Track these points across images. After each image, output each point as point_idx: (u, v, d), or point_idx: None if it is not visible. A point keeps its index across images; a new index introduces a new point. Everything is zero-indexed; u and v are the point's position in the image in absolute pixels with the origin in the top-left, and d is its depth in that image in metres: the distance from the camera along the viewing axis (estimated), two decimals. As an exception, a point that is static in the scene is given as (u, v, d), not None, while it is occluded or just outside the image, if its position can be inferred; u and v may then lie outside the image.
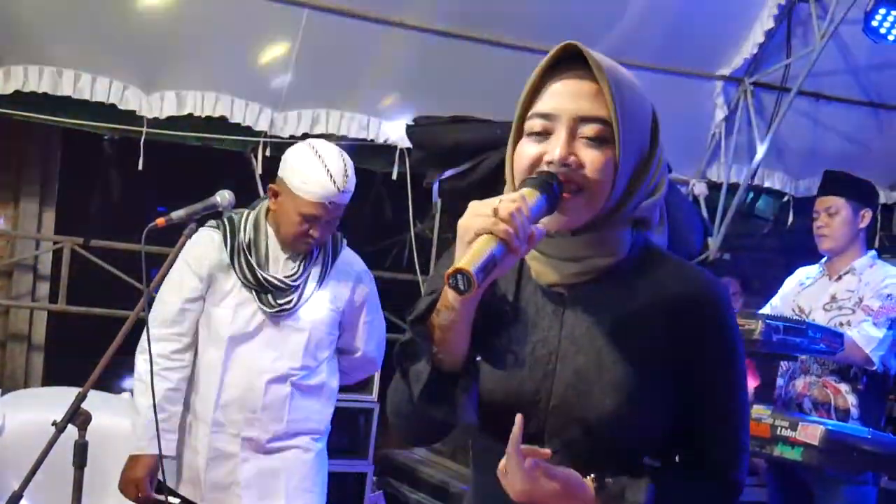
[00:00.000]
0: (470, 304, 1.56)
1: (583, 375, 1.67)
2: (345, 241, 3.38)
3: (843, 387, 4.11)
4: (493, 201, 1.49)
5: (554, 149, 1.62)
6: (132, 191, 5.45)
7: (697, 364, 1.68)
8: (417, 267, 5.64)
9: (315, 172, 3.10)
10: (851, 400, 4.08)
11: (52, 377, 5.59)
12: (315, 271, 3.23)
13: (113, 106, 5.01)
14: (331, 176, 3.09)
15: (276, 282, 3.16)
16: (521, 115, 1.69)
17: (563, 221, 1.63)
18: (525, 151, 1.66)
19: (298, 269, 3.20)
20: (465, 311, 1.56)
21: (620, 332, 1.68)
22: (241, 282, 3.18)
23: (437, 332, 1.58)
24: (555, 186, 1.58)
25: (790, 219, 6.49)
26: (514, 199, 1.49)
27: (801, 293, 4.36)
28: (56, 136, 5.75)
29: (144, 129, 5.07)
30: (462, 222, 1.51)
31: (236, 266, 3.19)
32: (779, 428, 3.74)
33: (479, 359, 1.64)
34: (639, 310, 1.69)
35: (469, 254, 1.46)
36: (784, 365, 4.40)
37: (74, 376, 3.14)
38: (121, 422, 4.04)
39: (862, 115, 6.39)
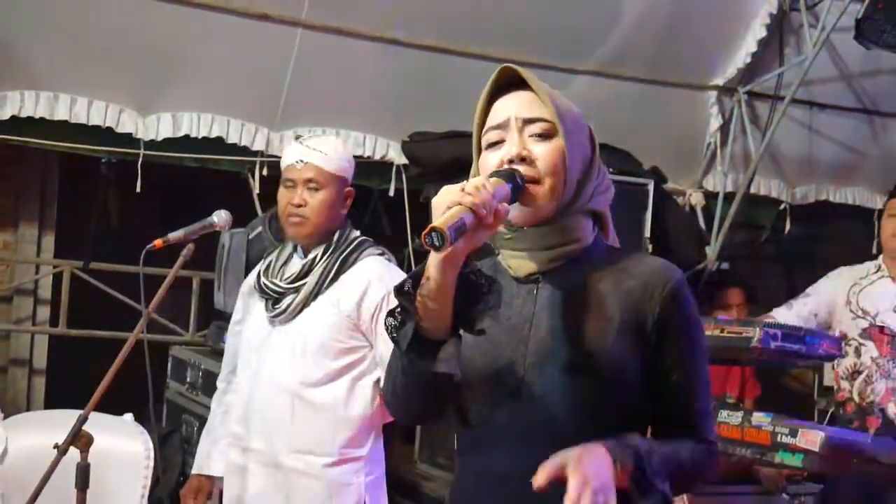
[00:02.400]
0: (450, 274, 1.72)
1: (556, 334, 1.86)
2: (374, 252, 3.13)
3: None
4: (461, 183, 1.70)
5: (510, 148, 1.87)
6: (131, 213, 5.48)
7: (660, 335, 1.86)
8: (416, 283, 5.64)
9: (291, 145, 3.15)
10: None
11: (54, 401, 5.59)
12: (318, 272, 3.06)
13: (109, 129, 5.05)
14: (302, 142, 3.11)
15: (273, 286, 3.10)
16: (477, 135, 1.95)
17: (530, 213, 1.87)
18: (487, 161, 1.91)
19: (301, 271, 3.08)
20: (445, 281, 1.72)
21: (588, 302, 1.88)
22: (257, 293, 3.19)
23: (421, 303, 1.74)
24: (516, 177, 1.82)
25: (787, 227, 6.51)
26: (482, 182, 1.71)
27: (860, 294, 4.33)
28: (54, 161, 5.79)
29: (141, 152, 5.11)
30: (434, 200, 1.71)
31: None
32: (779, 435, 3.72)
33: (461, 332, 1.79)
34: (604, 286, 1.89)
35: (442, 217, 1.65)
36: (845, 368, 4.34)
37: (77, 399, 3.14)
38: (123, 443, 4.05)
39: (856, 122, 6.43)
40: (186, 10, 4.86)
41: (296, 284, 3.06)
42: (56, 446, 2.74)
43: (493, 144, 1.90)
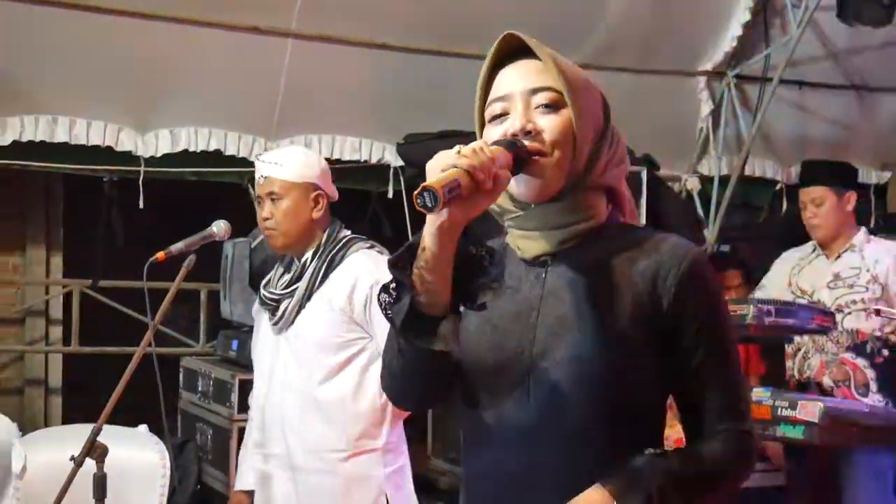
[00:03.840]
0: (447, 244, 1.60)
1: (564, 321, 1.74)
2: (362, 246, 3.16)
3: (861, 362, 4.21)
4: (457, 147, 1.59)
5: (514, 121, 1.74)
6: (135, 229, 5.56)
7: (677, 318, 1.73)
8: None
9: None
10: (870, 374, 4.19)
11: (71, 418, 5.68)
12: (308, 274, 3.12)
13: (109, 148, 5.13)
14: (259, 158, 3.19)
15: (270, 295, 3.18)
16: (480, 108, 1.82)
17: (538, 186, 1.74)
18: (490, 135, 1.76)
19: (293, 276, 3.15)
20: (442, 251, 1.60)
21: (600, 286, 1.75)
22: (262, 306, 3.27)
23: (418, 276, 1.62)
24: (517, 145, 1.69)
25: (784, 206, 6.56)
26: (480, 146, 1.60)
27: (799, 275, 4.46)
28: (57, 182, 5.89)
29: (142, 169, 5.19)
30: (429, 164, 1.60)
31: None
32: (779, 409, 3.80)
33: (462, 309, 1.68)
34: (617, 268, 1.76)
35: (435, 177, 1.54)
36: (790, 347, 4.48)
37: (93, 415, 3.18)
38: (139, 454, 4.14)
39: (846, 99, 6.48)
40: (177, 26, 4.93)
41: (289, 290, 3.12)
42: (72, 458, 2.81)
43: (497, 117, 1.77)
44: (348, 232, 3.22)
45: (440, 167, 1.57)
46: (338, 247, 3.14)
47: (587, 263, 1.77)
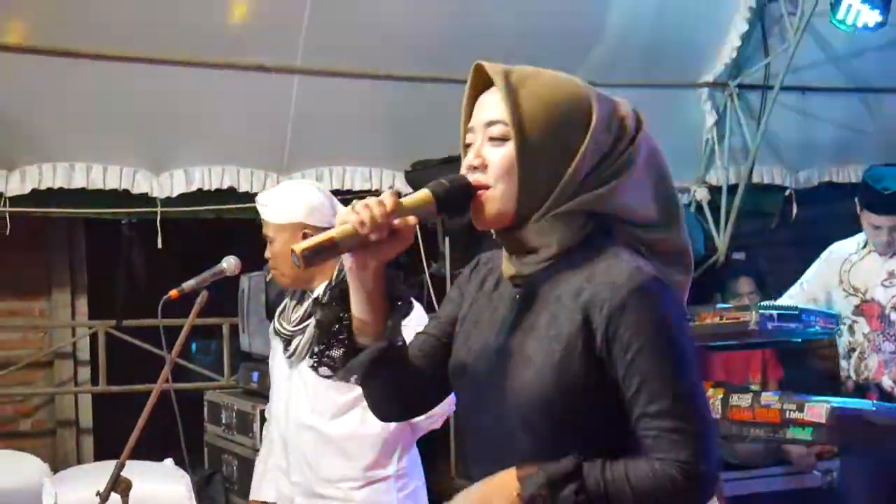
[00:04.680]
0: (361, 286, 1.81)
1: (515, 354, 1.79)
2: None
3: None
4: (366, 199, 1.74)
5: (468, 155, 1.82)
6: (155, 268, 5.69)
7: (611, 350, 1.72)
8: (436, 305, 5.79)
9: None
10: None
11: (103, 457, 5.75)
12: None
13: (126, 191, 5.27)
14: (257, 201, 3.28)
15: (283, 329, 3.26)
16: (462, 135, 1.88)
17: (484, 218, 1.80)
18: (463, 169, 1.84)
19: (305, 313, 3.20)
20: (355, 292, 1.83)
21: (551, 314, 1.77)
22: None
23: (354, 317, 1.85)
24: (448, 185, 1.79)
25: (794, 211, 6.62)
26: (380, 198, 1.73)
27: (850, 272, 4.38)
28: (79, 227, 6.02)
29: (159, 210, 5.33)
30: (338, 217, 1.78)
31: None
32: (787, 411, 3.81)
33: (399, 343, 1.89)
34: (564, 298, 1.76)
35: (311, 239, 1.75)
36: (842, 347, 4.43)
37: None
38: (165, 486, 4.27)
39: (850, 102, 6.54)
40: (185, 69, 5.07)
41: (301, 326, 3.20)
42: (98, 494, 2.90)
43: (467, 146, 1.84)
44: None
45: (339, 222, 1.74)
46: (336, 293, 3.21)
47: (547, 290, 1.80)
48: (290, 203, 3.20)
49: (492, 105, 1.81)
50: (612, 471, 1.69)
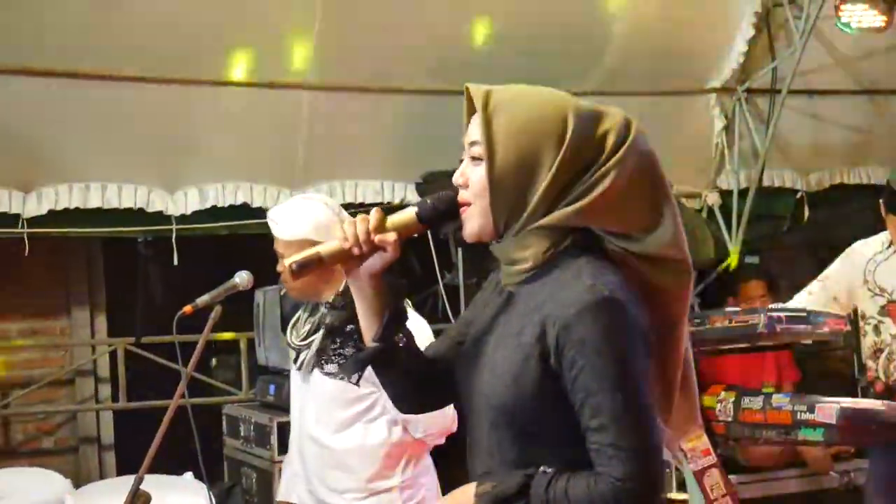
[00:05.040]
0: (360, 294, 2.04)
1: (486, 358, 1.95)
2: None
3: None
4: (359, 216, 1.95)
5: (455, 174, 1.98)
6: (172, 285, 5.74)
7: (560, 366, 1.81)
8: (451, 315, 5.84)
9: None
10: None
11: (126, 473, 5.82)
12: (322, 332, 3.23)
13: (141, 210, 5.34)
14: (267, 217, 3.38)
15: (292, 344, 3.34)
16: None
17: (469, 232, 1.97)
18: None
19: (312, 328, 3.27)
20: (359, 300, 2.05)
21: (517, 326, 1.90)
22: None
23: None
24: (434, 204, 1.98)
25: (806, 214, 6.64)
26: (364, 216, 1.96)
27: (875, 272, 4.29)
28: (96, 246, 6.09)
29: (174, 227, 5.40)
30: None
31: None
32: (798, 413, 3.86)
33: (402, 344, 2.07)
34: (531, 311, 1.87)
35: (301, 253, 1.99)
36: (868, 348, 4.33)
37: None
38: (185, 499, 4.32)
39: (858, 104, 6.57)
40: (197, 88, 5.16)
41: (307, 341, 3.27)
42: (118, 507, 2.96)
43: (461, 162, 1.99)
44: None
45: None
46: (349, 299, 3.26)
47: (524, 300, 1.92)
48: (297, 220, 3.27)
49: (474, 126, 1.93)
50: (555, 488, 1.80)
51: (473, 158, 1.92)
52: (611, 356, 1.78)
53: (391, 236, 1.95)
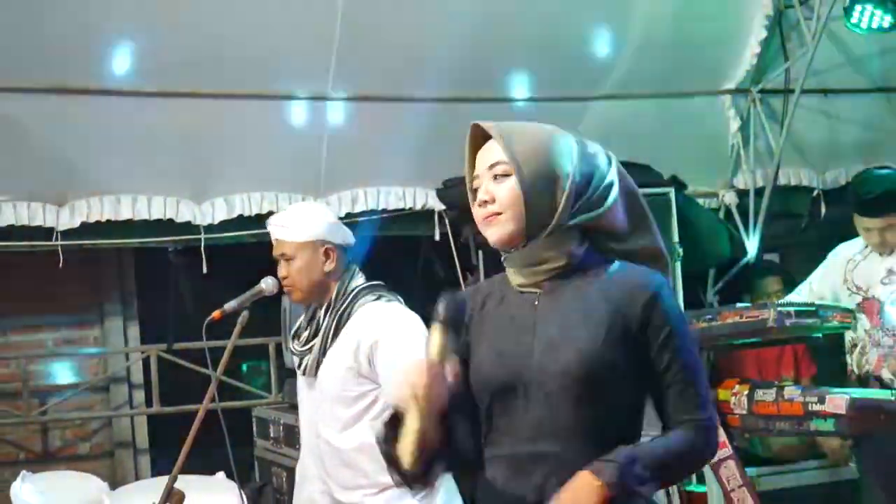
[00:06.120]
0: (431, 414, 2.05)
1: (553, 341, 2.16)
2: (369, 299, 3.38)
3: None
4: (412, 377, 2.03)
5: (479, 195, 2.22)
6: (202, 292, 5.87)
7: (646, 336, 2.15)
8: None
9: None
10: None
11: (160, 476, 5.98)
12: (322, 333, 3.36)
13: (171, 220, 5.48)
14: (269, 222, 3.47)
15: (294, 351, 3.48)
16: (469, 182, 2.28)
17: (498, 240, 2.21)
18: (473, 208, 2.26)
19: (310, 334, 3.41)
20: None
21: (580, 311, 2.17)
22: None
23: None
24: (450, 313, 2.08)
25: (823, 211, 6.72)
26: (416, 382, 2.02)
27: (854, 272, 4.55)
28: (128, 256, 6.25)
29: (202, 237, 5.54)
30: (395, 392, 2.12)
31: None
32: (810, 404, 3.94)
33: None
34: (594, 297, 2.18)
35: (403, 454, 2.07)
36: (848, 342, 4.59)
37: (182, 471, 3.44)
38: (218, 498, 4.45)
39: (873, 102, 6.64)
40: (222, 101, 5.31)
41: (308, 346, 3.40)
42: (153, 504, 3.10)
43: (475, 191, 2.24)
44: (360, 280, 3.43)
45: (402, 397, 2.05)
46: (346, 302, 3.36)
47: (569, 294, 2.20)
48: (310, 222, 3.39)
49: (492, 151, 2.21)
50: (653, 444, 2.13)
51: (497, 176, 2.19)
52: (686, 323, 2.23)
53: (449, 368, 2.06)
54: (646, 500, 2.09)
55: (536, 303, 2.22)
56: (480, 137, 2.24)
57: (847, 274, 4.57)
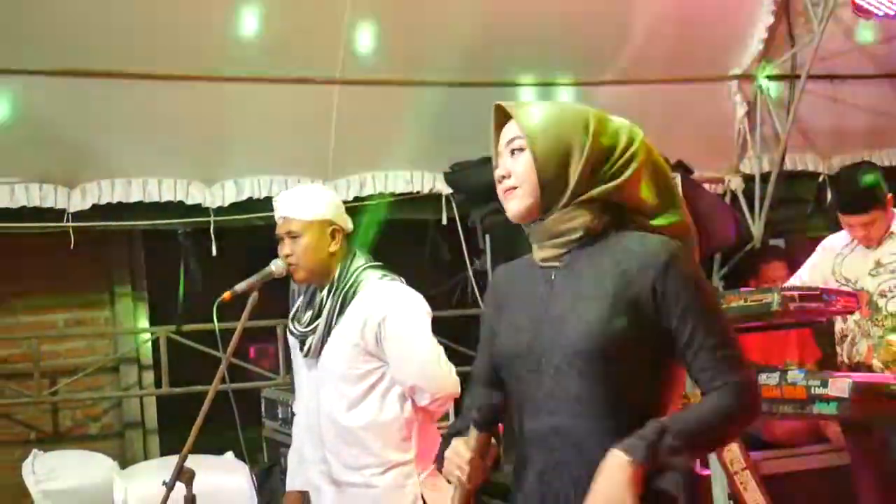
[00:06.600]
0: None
1: (564, 315, 2.19)
2: (371, 281, 3.41)
3: None
4: (456, 463, 2.16)
5: (497, 172, 2.28)
6: (211, 274, 5.90)
7: (660, 303, 2.14)
8: (479, 297, 5.99)
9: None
10: None
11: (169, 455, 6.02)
12: (325, 312, 3.38)
13: (181, 202, 5.55)
14: (276, 200, 3.48)
15: (296, 331, 3.49)
16: (495, 166, 2.32)
17: (517, 213, 2.25)
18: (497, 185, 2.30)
19: (314, 314, 3.42)
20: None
21: (593, 282, 2.19)
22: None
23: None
24: (478, 419, 2.18)
25: (828, 196, 6.72)
26: (459, 471, 2.15)
27: (842, 264, 4.62)
28: (138, 238, 6.28)
29: (212, 219, 5.61)
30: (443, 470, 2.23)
31: None
32: (813, 387, 3.96)
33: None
34: (606, 268, 2.19)
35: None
36: (836, 334, 4.66)
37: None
38: (227, 477, 4.52)
39: (879, 88, 6.68)
40: (233, 85, 5.37)
41: (311, 326, 3.42)
42: (164, 483, 3.14)
43: (497, 167, 2.29)
44: (362, 261, 3.46)
45: (447, 480, 2.21)
46: (350, 282, 3.40)
47: (584, 266, 2.22)
48: (317, 201, 3.44)
49: (510, 128, 2.27)
50: (685, 413, 2.16)
51: (514, 151, 2.23)
52: (707, 289, 2.21)
53: (479, 463, 2.15)
54: (682, 470, 2.11)
55: (553, 277, 2.25)
56: (504, 118, 2.29)
57: (836, 266, 4.63)
